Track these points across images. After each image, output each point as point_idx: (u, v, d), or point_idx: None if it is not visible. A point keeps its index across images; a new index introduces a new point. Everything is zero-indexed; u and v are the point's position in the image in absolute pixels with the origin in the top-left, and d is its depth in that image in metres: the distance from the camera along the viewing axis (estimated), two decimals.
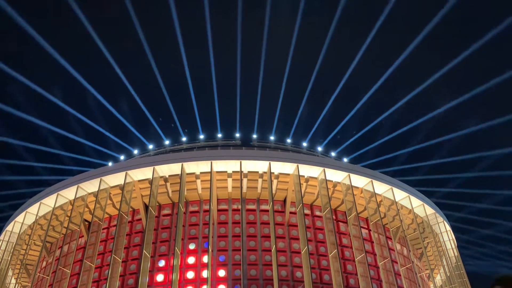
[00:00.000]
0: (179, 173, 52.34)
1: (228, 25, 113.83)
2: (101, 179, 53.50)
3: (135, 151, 70.68)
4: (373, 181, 55.61)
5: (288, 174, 53.68)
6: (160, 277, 48.38)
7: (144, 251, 47.89)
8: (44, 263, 59.13)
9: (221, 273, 48.34)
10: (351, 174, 54.33)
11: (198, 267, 48.82)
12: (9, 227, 61.88)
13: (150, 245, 49.95)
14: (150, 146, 70.54)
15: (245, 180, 53.36)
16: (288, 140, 70.16)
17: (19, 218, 60.24)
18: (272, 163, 52.29)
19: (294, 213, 53.69)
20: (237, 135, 69.12)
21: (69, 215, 55.17)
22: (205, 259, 48.79)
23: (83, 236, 55.19)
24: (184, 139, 69.50)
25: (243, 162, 52.20)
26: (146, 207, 52.82)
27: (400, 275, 53.39)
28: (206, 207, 53.70)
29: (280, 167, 52.95)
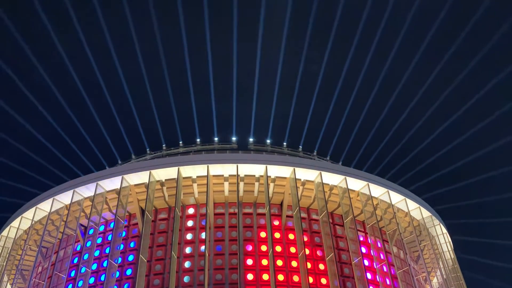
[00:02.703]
0: (176, 177, 52.25)
1: (225, 28, 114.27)
2: (97, 184, 53.34)
3: (132, 155, 70.52)
4: (370, 184, 55.72)
5: (285, 178, 53.71)
6: (156, 282, 48.20)
7: (140, 255, 47.71)
8: (40, 268, 58.74)
9: (218, 277, 48.21)
10: (347, 177, 54.43)
11: (194, 271, 48.66)
12: (4, 232, 61.48)
13: (147, 250, 49.77)
14: (147, 150, 70.43)
15: (241, 184, 53.36)
16: (285, 144, 70.19)
17: (15, 223, 59.86)
18: (269, 166, 52.34)
19: (291, 216, 53.68)
20: (234, 138, 69.05)
21: (65, 219, 54.91)
22: (201, 263, 48.65)
23: (79, 241, 54.92)
24: (180, 143, 69.41)
25: (240, 165, 52.19)
26: (143, 212, 52.67)
27: (397, 278, 53.41)
28: (203, 211, 53.54)
29: (276, 170, 52.97)
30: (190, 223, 53.06)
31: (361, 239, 55.21)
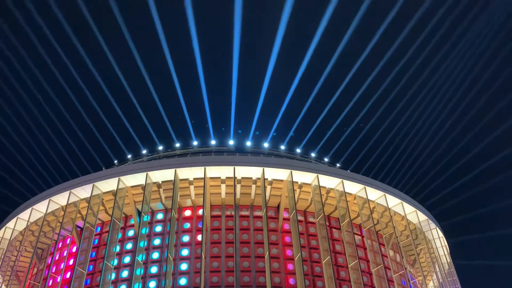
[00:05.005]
0: (173, 179, 52.16)
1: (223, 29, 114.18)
2: (93, 185, 53.16)
3: (129, 156, 70.34)
4: (366, 187, 55.76)
5: (282, 180, 53.69)
6: (152, 284, 48.02)
7: (136, 257, 47.54)
8: (35, 270, 58.47)
9: (214, 279, 48.09)
10: (344, 181, 54.46)
11: (190, 273, 48.54)
12: None
13: (143, 251, 49.60)
14: (144, 151, 70.25)
15: (238, 186, 53.28)
16: (282, 147, 70.17)
17: (10, 224, 59.58)
18: (266, 169, 52.29)
19: (288, 219, 53.66)
20: (231, 142, 68.90)
21: (61, 221, 54.68)
22: (198, 265, 48.52)
23: (75, 242, 54.69)
24: (177, 144, 69.27)
25: (237, 168, 52.15)
26: (139, 213, 52.52)
27: (393, 281, 53.44)
28: (200, 213, 53.50)
29: (273, 173, 52.96)
30: (186, 225, 52.95)
31: (358, 242, 55.23)
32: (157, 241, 51.84)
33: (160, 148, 69.63)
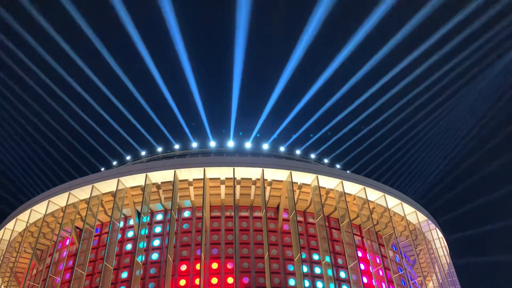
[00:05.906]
0: (172, 179, 52.13)
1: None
2: (93, 186, 53.13)
3: (128, 157, 70.29)
4: (366, 188, 55.76)
5: (281, 181, 53.68)
6: (151, 285, 47.95)
7: (136, 258, 47.49)
8: (34, 271, 58.37)
9: (214, 280, 48.03)
10: (344, 181, 54.46)
11: (190, 274, 48.47)
12: None
13: (142, 252, 49.55)
14: (143, 153, 70.18)
15: (238, 187, 53.27)
16: (282, 148, 70.13)
17: (9, 225, 59.51)
18: (265, 169, 52.27)
19: (287, 220, 53.64)
20: (231, 143, 68.71)
21: (60, 222, 54.63)
22: (197, 266, 48.47)
23: (74, 243, 54.64)
24: (177, 146, 69.21)
25: (236, 169, 52.14)
26: (138, 214, 52.48)
27: (393, 282, 53.40)
28: (199, 214, 53.45)
29: (273, 173, 52.94)
30: (186, 226, 52.90)
31: (357, 243, 55.21)
32: (156, 242, 51.79)
33: (160, 149, 69.60)
